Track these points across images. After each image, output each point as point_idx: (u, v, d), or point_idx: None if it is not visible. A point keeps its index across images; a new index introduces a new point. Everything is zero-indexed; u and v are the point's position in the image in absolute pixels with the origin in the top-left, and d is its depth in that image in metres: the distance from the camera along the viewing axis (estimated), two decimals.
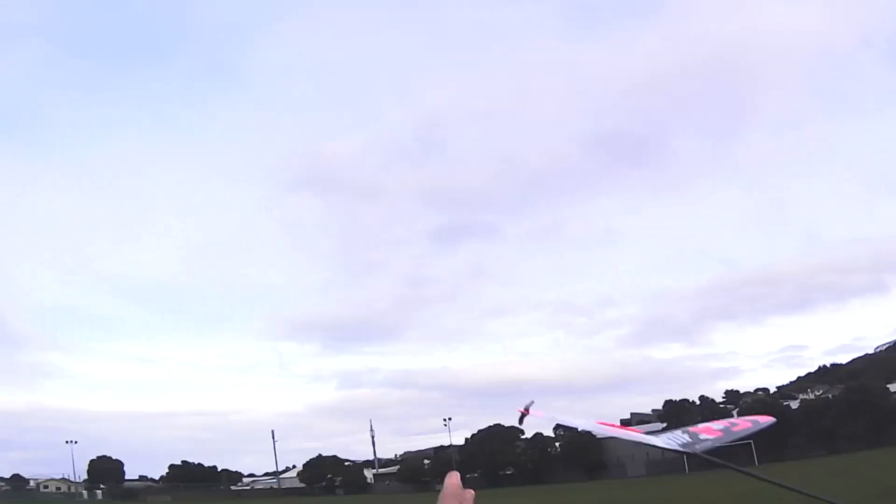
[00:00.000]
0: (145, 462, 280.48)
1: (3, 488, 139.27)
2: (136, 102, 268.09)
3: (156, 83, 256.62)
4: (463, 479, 2.21)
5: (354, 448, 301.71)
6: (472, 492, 2.25)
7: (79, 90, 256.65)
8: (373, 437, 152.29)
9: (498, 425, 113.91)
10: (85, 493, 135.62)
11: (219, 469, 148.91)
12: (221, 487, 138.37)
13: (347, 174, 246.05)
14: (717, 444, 4.01)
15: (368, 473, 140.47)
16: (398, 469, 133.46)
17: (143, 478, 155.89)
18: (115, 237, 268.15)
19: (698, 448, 3.90)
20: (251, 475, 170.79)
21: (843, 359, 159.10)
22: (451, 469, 2.31)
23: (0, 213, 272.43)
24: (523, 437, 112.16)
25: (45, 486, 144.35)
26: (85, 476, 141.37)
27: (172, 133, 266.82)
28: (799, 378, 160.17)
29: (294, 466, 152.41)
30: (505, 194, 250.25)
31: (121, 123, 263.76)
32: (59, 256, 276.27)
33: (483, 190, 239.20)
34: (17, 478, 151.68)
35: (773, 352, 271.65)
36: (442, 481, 2.25)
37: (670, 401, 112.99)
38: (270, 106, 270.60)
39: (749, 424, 4.84)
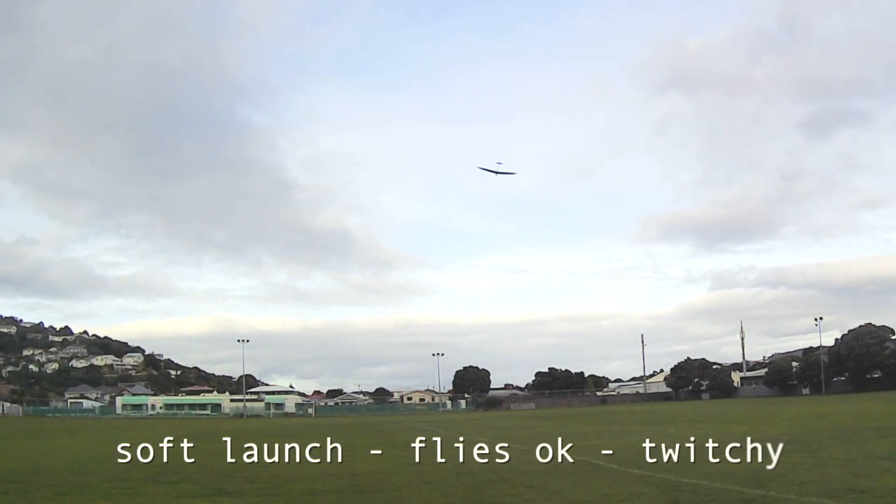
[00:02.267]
0: (513, 370, 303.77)
1: (367, 402, 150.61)
2: (482, 26, 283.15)
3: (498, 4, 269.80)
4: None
5: (723, 350, 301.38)
6: None
7: (427, 26, 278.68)
8: (742, 338, 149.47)
9: (869, 325, 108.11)
10: (449, 403, 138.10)
11: (585, 375, 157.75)
12: (587, 393, 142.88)
13: (715, 69, 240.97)
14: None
15: (736, 377, 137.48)
16: (766, 372, 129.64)
17: (508, 386, 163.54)
18: (478, 157, 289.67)
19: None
20: (618, 380, 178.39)
21: None
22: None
23: (369, 146, 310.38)
24: (893, 337, 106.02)
25: (409, 399, 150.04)
26: (450, 387, 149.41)
27: (526, 51, 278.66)
28: None
29: (661, 371, 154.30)
30: (874, 78, 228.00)
31: (470, 48, 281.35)
32: (426, 181, 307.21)
33: (851, 74, 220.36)
34: (381, 391, 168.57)
35: None
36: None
37: None
38: (628, 8, 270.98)
39: None
